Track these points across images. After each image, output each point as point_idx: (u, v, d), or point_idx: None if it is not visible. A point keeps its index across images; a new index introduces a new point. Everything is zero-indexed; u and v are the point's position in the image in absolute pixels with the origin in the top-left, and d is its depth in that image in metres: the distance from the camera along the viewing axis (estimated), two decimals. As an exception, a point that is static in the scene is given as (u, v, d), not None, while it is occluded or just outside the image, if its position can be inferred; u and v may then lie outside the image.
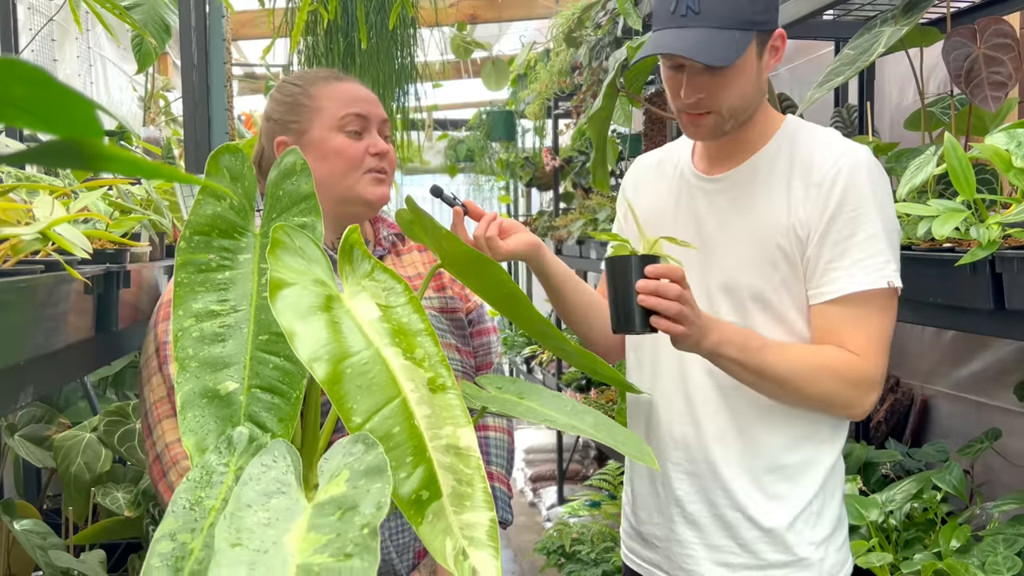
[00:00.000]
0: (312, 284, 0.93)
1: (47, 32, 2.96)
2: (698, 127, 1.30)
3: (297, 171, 1.11)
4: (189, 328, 0.96)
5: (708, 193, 1.37)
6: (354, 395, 0.86)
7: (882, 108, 2.67)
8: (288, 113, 1.40)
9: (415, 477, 0.83)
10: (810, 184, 1.27)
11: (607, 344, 1.50)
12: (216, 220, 1.03)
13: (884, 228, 1.25)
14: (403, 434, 0.85)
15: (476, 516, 0.82)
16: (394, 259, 1.50)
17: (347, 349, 0.89)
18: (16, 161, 0.37)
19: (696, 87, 1.26)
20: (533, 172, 5.92)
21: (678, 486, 1.37)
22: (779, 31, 1.30)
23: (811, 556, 1.32)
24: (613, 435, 1.09)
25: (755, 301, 1.30)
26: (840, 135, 1.33)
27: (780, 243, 1.28)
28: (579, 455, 5.31)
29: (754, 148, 1.34)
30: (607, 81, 2.46)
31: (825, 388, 1.25)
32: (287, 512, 0.75)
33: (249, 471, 0.81)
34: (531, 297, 1.12)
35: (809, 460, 1.32)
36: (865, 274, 1.24)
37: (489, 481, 1.47)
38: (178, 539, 0.75)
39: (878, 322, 1.26)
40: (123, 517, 1.89)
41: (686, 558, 1.37)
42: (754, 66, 1.27)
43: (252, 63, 5.73)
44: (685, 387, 1.36)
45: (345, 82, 1.43)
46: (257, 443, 0.89)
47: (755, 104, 1.31)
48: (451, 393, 0.90)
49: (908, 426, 2.55)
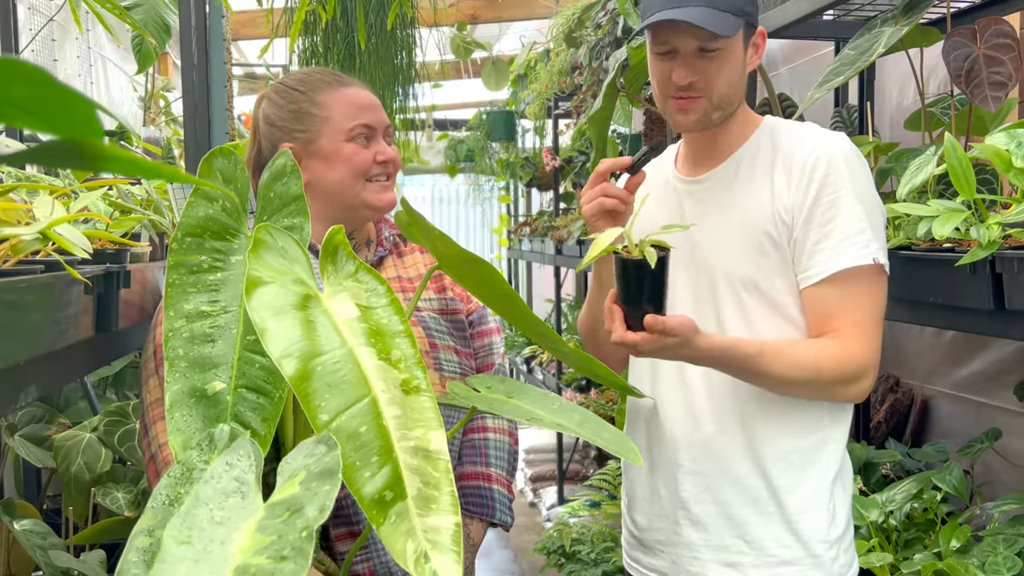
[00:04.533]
0: (291, 283, 0.93)
1: (47, 32, 2.96)
2: (687, 113, 1.33)
3: (287, 172, 1.11)
4: (180, 329, 0.96)
5: (693, 194, 1.40)
6: (322, 393, 0.85)
7: (882, 108, 2.67)
8: (294, 121, 1.39)
9: (380, 477, 0.82)
10: (792, 171, 1.30)
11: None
12: (208, 222, 1.03)
13: (865, 209, 1.28)
14: (370, 433, 0.84)
15: (441, 520, 0.81)
16: (396, 259, 1.50)
17: (319, 347, 0.88)
18: (16, 161, 0.37)
19: (690, 69, 1.29)
20: (533, 172, 5.91)
21: (683, 487, 1.37)
22: (760, 29, 1.35)
23: (823, 554, 1.33)
24: (598, 432, 1.09)
25: (750, 291, 1.32)
26: (818, 128, 1.37)
27: (768, 230, 1.31)
28: (579, 455, 5.30)
29: (734, 147, 1.38)
30: (607, 81, 2.46)
31: (826, 382, 1.27)
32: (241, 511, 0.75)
33: (212, 469, 0.81)
34: (530, 301, 1.12)
35: (815, 446, 1.33)
36: (850, 252, 1.26)
37: (488, 483, 1.47)
38: (155, 535, 0.75)
39: (868, 302, 1.28)
40: (123, 517, 1.89)
41: (692, 560, 1.36)
42: (741, 55, 1.32)
43: (252, 63, 5.73)
44: (685, 386, 1.37)
45: (350, 87, 1.43)
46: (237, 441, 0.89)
47: (738, 99, 1.35)
48: (425, 396, 0.90)
49: (908, 426, 2.55)
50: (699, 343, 1.21)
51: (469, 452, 1.48)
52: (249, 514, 0.74)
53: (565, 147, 5.33)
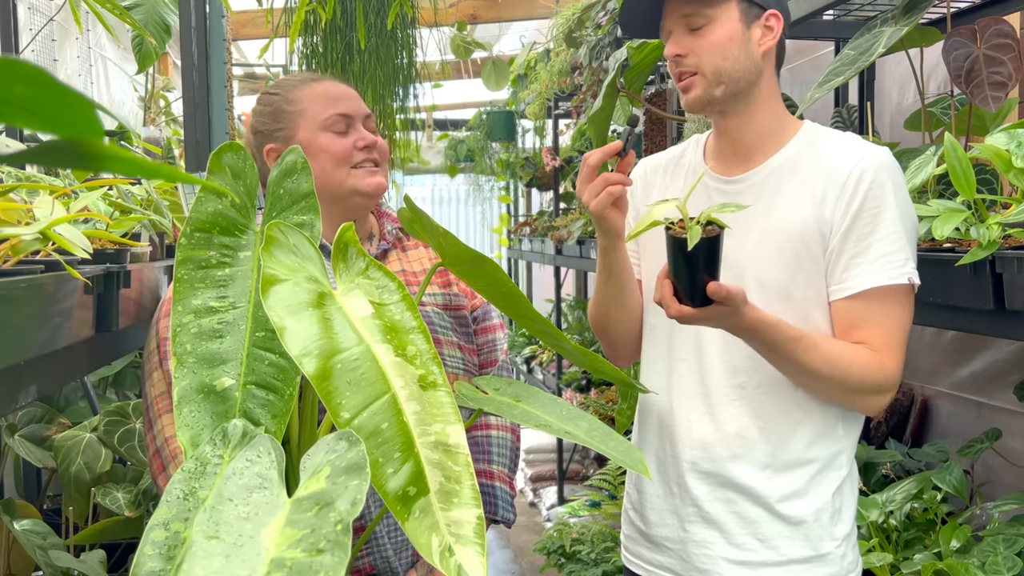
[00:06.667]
0: (305, 281, 0.93)
1: (47, 32, 2.96)
2: (687, 91, 1.34)
3: (298, 170, 1.11)
4: (188, 324, 0.96)
5: (727, 193, 1.38)
6: (343, 391, 0.86)
7: (882, 108, 2.67)
8: (272, 122, 1.41)
9: (403, 473, 0.83)
10: (835, 182, 1.29)
11: (631, 347, 1.51)
12: (217, 217, 1.04)
13: (904, 227, 1.28)
14: (392, 430, 0.85)
15: (463, 513, 0.82)
16: (400, 254, 1.50)
17: (337, 345, 0.89)
18: (16, 161, 0.37)
19: (678, 44, 1.32)
20: (533, 172, 5.91)
21: (695, 485, 1.36)
22: (773, 11, 1.33)
23: (833, 552, 1.33)
24: (606, 442, 1.09)
25: (781, 298, 1.32)
26: (860, 138, 1.35)
27: (805, 240, 1.30)
28: (579, 455, 5.31)
29: (772, 150, 1.36)
30: (607, 81, 2.45)
31: (851, 385, 1.27)
32: (267, 507, 0.75)
33: (233, 466, 0.81)
34: (530, 301, 1.12)
35: (832, 453, 1.34)
36: (887, 270, 1.26)
37: (491, 480, 1.47)
38: (171, 528, 0.76)
39: (898, 319, 1.28)
40: (123, 517, 1.89)
41: (703, 558, 1.36)
42: (737, 30, 1.31)
43: (252, 63, 5.73)
44: (705, 386, 1.36)
45: (323, 82, 1.44)
46: (250, 436, 0.89)
47: (746, 76, 1.33)
48: (442, 390, 0.90)
49: (908, 426, 2.55)
50: (747, 312, 1.21)
51: (472, 449, 1.49)
52: (275, 509, 0.75)
53: (565, 147, 5.33)
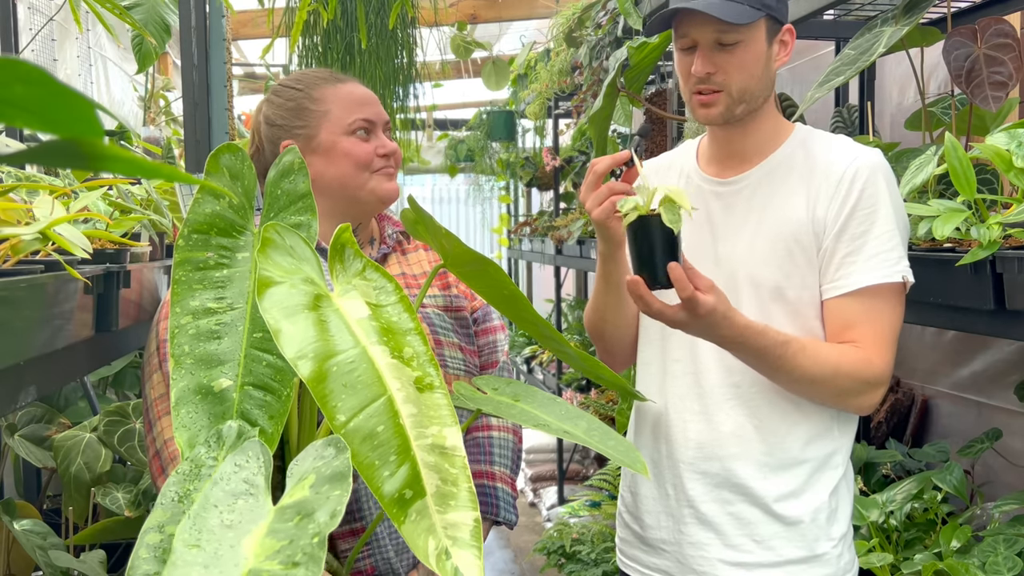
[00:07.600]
0: (301, 282, 0.93)
1: (47, 32, 2.96)
2: (709, 108, 1.32)
3: (295, 170, 1.11)
4: (186, 325, 0.96)
5: (721, 196, 1.38)
6: (339, 393, 0.85)
7: (883, 108, 2.67)
8: (293, 118, 1.40)
9: (399, 476, 0.82)
10: (829, 182, 1.30)
11: (626, 351, 1.50)
12: (215, 218, 1.03)
13: (898, 226, 1.29)
14: (387, 432, 0.84)
15: (460, 516, 0.82)
16: (400, 257, 1.50)
17: (333, 347, 0.88)
18: (16, 161, 0.37)
19: (707, 61, 1.29)
20: (533, 172, 5.91)
21: (691, 486, 1.36)
22: (788, 26, 1.34)
23: (829, 552, 1.34)
24: (605, 441, 1.08)
25: (775, 298, 1.32)
26: (851, 140, 1.36)
27: (799, 239, 1.31)
28: (579, 455, 5.31)
29: (765, 152, 1.37)
30: (607, 81, 2.45)
31: (842, 385, 1.28)
32: (251, 514, 0.75)
33: (222, 470, 0.81)
34: (531, 298, 1.11)
35: (827, 453, 1.34)
36: (882, 268, 1.27)
37: (492, 481, 1.47)
38: (166, 531, 0.76)
39: (889, 317, 1.29)
40: (123, 517, 1.89)
41: (699, 560, 1.36)
42: (763, 49, 1.31)
43: (252, 63, 5.72)
44: (700, 386, 1.36)
45: (347, 84, 1.43)
46: (245, 438, 0.89)
47: (763, 93, 1.34)
48: (439, 392, 0.90)
49: (908, 426, 2.55)
50: (734, 317, 1.20)
51: (473, 450, 1.48)
52: (259, 517, 0.74)
53: (565, 147, 5.33)
